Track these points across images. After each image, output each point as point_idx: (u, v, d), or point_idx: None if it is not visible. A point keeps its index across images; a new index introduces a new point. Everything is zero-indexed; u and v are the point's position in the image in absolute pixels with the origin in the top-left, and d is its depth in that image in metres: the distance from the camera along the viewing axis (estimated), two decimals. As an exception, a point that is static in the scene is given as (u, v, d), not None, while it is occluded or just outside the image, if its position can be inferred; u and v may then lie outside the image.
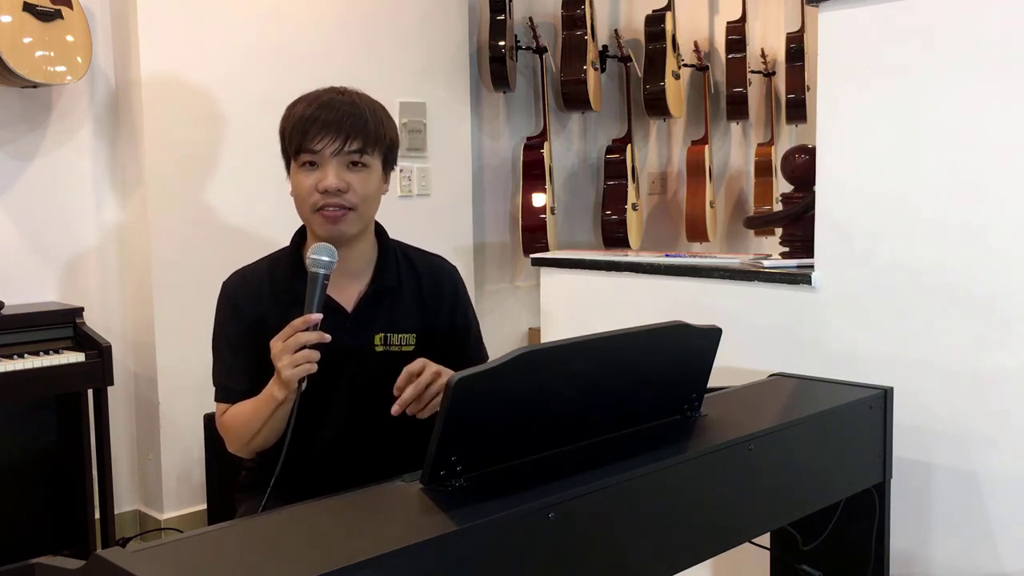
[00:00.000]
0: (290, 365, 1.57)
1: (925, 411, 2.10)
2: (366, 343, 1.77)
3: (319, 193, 1.67)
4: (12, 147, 3.06)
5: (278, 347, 1.59)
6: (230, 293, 1.79)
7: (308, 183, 1.68)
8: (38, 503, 2.98)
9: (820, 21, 2.20)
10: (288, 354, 1.57)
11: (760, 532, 1.67)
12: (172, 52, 3.22)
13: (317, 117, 1.67)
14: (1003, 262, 1.99)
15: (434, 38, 3.95)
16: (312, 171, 1.68)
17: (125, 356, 3.31)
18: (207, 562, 1.08)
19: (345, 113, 1.68)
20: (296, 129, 1.68)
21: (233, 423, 1.75)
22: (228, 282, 1.81)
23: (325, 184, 1.66)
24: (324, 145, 1.66)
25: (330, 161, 1.67)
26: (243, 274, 1.82)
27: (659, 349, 1.56)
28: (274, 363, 1.60)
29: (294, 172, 1.71)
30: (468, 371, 1.23)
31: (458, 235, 4.09)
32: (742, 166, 5.90)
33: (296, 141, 1.68)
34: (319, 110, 1.68)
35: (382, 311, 1.79)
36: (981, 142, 2.00)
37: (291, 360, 1.57)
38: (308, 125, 1.67)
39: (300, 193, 1.70)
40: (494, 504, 1.20)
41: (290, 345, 1.57)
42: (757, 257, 2.56)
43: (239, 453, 1.78)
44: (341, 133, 1.67)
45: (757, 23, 5.89)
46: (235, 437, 1.76)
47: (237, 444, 1.76)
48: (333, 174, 1.66)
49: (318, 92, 1.74)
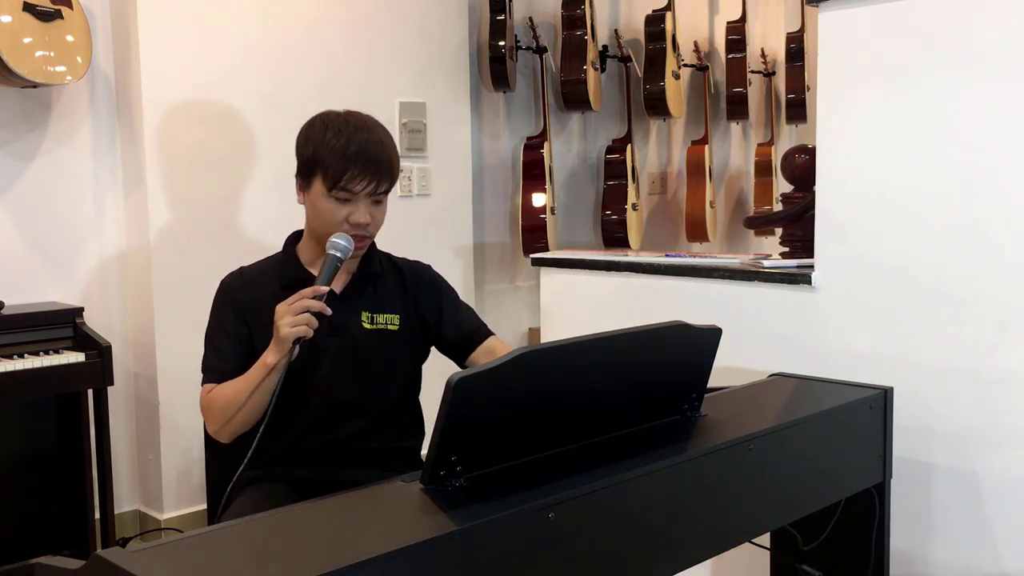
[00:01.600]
0: (290, 324, 1.70)
1: (925, 411, 2.10)
2: (353, 321, 1.91)
3: (349, 224, 1.84)
4: (12, 147, 3.06)
5: (282, 309, 1.72)
6: (228, 288, 1.94)
7: (340, 214, 1.83)
8: (38, 503, 2.98)
9: (820, 21, 2.20)
10: (291, 315, 1.70)
11: (760, 532, 1.67)
12: (172, 52, 3.22)
13: (356, 160, 1.82)
14: (1003, 262, 1.99)
15: (434, 38, 3.95)
16: (343, 204, 1.83)
17: (125, 356, 3.30)
18: (207, 562, 1.08)
19: (380, 155, 1.84)
20: (336, 165, 1.81)
21: (218, 399, 1.83)
22: (227, 279, 1.96)
23: (357, 219, 1.83)
24: (362, 188, 1.83)
25: (363, 200, 1.84)
26: (241, 272, 1.97)
27: (659, 349, 1.56)
28: (275, 322, 1.72)
29: (322, 198, 1.84)
30: (468, 371, 1.24)
31: (458, 235, 4.09)
32: (742, 166, 5.90)
33: (334, 176, 1.82)
34: (359, 152, 1.82)
35: (367, 294, 1.94)
36: (981, 142, 2.00)
37: (292, 320, 1.70)
38: (348, 166, 1.81)
39: (329, 220, 1.84)
40: (494, 504, 1.20)
41: (295, 307, 1.71)
42: (757, 257, 2.56)
43: (219, 434, 1.84)
44: (376, 177, 1.84)
45: (757, 23, 5.89)
46: (218, 414, 1.82)
47: (219, 422, 1.83)
48: (364, 211, 1.84)
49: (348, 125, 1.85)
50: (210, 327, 1.92)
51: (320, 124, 1.87)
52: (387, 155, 1.86)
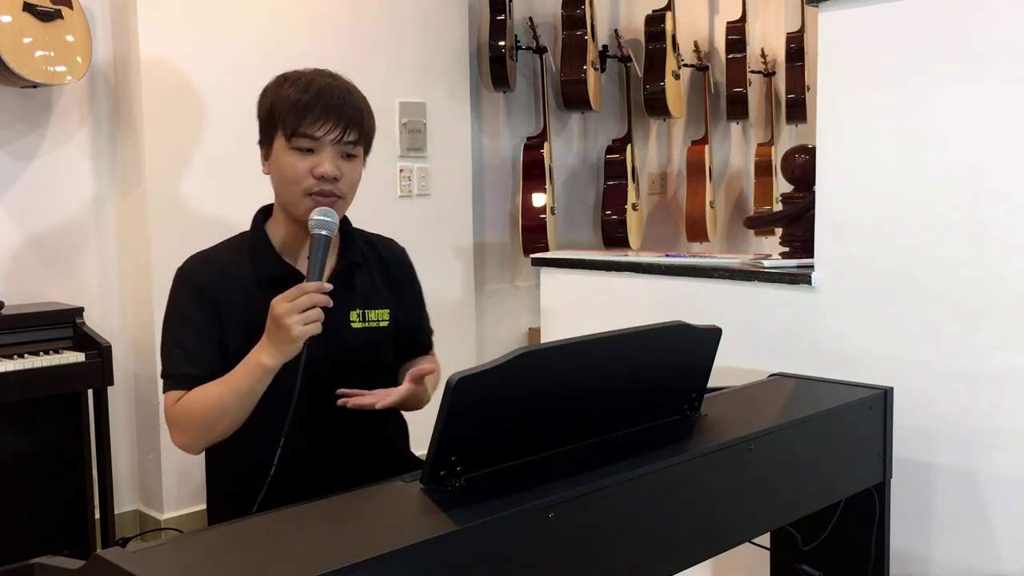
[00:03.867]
0: (301, 322, 1.54)
1: (925, 411, 2.10)
2: (342, 320, 1.73)
3: (313, 178, 1.66)
4: (12, 147, 3.06)
5: (284, 307, 1.54)
6: (192, 277, 1.71)
7: (302, 167, 1.66)
8: (38, 503, 2.98)
9: (820, 21, 2.20)
10: (297, 312, 1.54)
11: (760, 532, 1.67)
12: (172, 52, 3.22)
13: (316, 103, 1.65)
14: (1003, 262, 1.99)
15: (434, 38, 3.95)
16: (306, 156, 1.66)
17: (125, 356, 3.30)
18: (207, 562, 1.08)
19: (343, 102, 1.68)
20: (293, 111, 1.66)
21: (195, 408, 1.63)
22: (188, 266, 1.74)
23: (322, 170, 1.65)
24: (325, 132, 1.66)
25: (327, 148, 1.66)
26: (204, 256, 1.75)
27: (659, 349, 1.56)
28: (278, 322, 1.55)
29: (284, 153, 1.68)
30: (468, 371, 1.23)
31: (458, 235, 4.09)
32: (742, 166, 5.90)
33: (292, 123, 1.65)
34: (317, 96, 1.66)
35: (355, 288, 1.77)
36: (981, 142, 2.00)
37: (303, 317, 1.54)
38: (307, 110, 1.65)
39: (291, 175, 1.67)
40: (494, 504, 1.20)
41: (300, 304, 1.55)
42: (757, 257, 2.56)
43: (191, 447, 1.67)
44: (341, 122, 1.66)
45: (757, 23, 5.88)
46: (196, 424, 1.63)
47: (195, 433, 1.64)
48: (329, 161, 1.66)
49: (308, 74, 1.72)
50: (171, 322, 1.69)
51: (278, 80, 1.73)
52: (354, 102, 1.69)
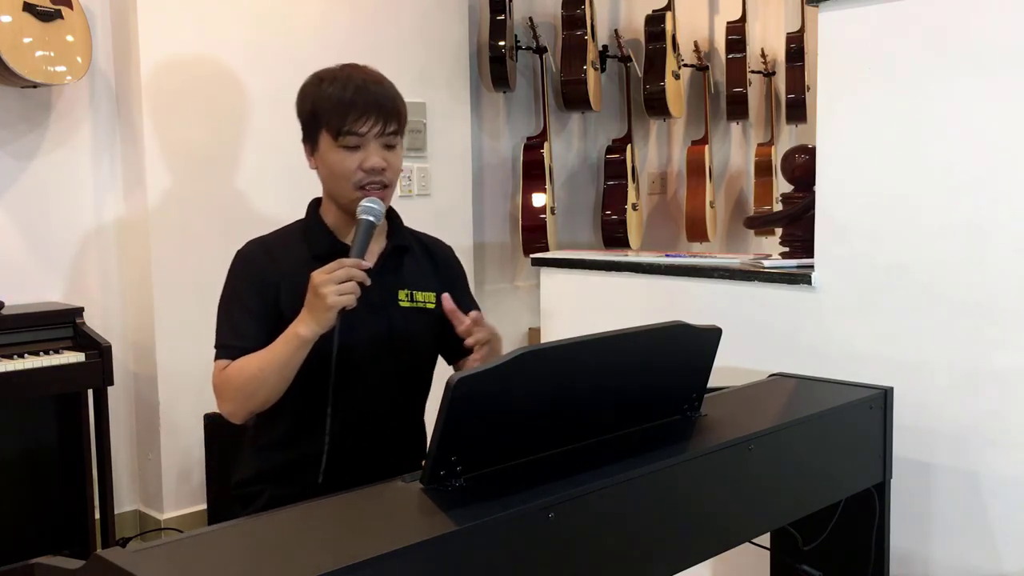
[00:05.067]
0: (336, 292, 1.61)
1: (925, 411, 2.10)
2: (391, 298, 1.83)
3: (363, 172, 1.76)
4: (12, 147, 3.06)
5: (321, 277, 1.62)
6: (248, 258, 1.83)
7: (351, 163, 1.76)
8: (38, 503, 2.98)
9: (820, 21, 2.20)
10: (334, 283, 1.62)
11: (760, 532, 1.67)
12: (172, 52, 3.22)
13: (357, 101, 1.75)
14: (1003, 262, 1.99)
15: (434, 38, 3.95)
16: (353, 152, 1.76)
17: (125, 356, 3.30)
18: (207, 562, 1.08)
19: (382, 96, 1.78)
20: (336, 111, 1.75)
21: (237, 376, 1.71)
22: (246, 249, 1.85)
23: (371, 164, 1.75)
24: (368, 127, 1.75)
25: (372, 142, 1.76)
26: (261, 241, 1.87)
27: (659, 349, 1.56)
28: (315, 291, 1.62)
29: (331, 151, 1.77)
30: (468, 371, 1.24)
31: (458, 235, 4.09)
32: (742, 166, 5.90)
33: (336, 123, 1.75)
34: (357, 94, 1.76)
35: (402, 269, 1.86)
36: (981, 142, 2.00)
37: (338, 288, 1.62)
38: (349, 108, 1.75)
39: (341, 171, 1.77)
40: (494, 504, 1.20)
41: (338, 275, 1.62)
42: (757, 257, 2.56)
43: (235, 414, 1.74)
44: (382, 116, 1.76)
45: (757, 23, 5.88)
46: (236, 391, 1.71)
47: (238, 400, 1.72)
48: (376, 154, 1.76)
49: (343, 71, 1.81)
50: (225, 300, 1.81)
51: (314, 80, 1.82)
52: (390, 94, 1.80)
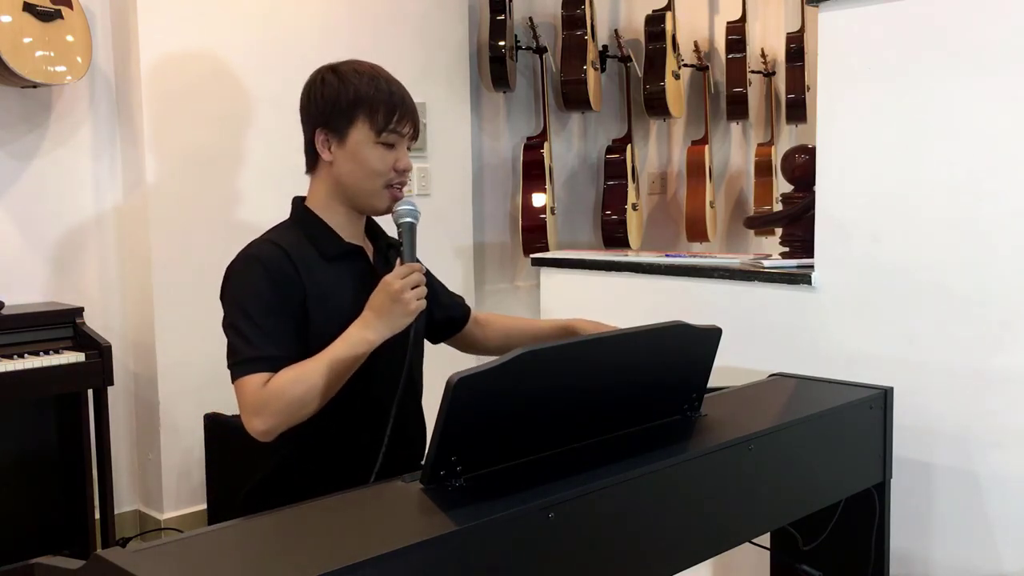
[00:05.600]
0: (416, 296, 1.67)
1: (925, 411, 2.10)
2: None
3: (395, 172, 1.79)
4: (12, 147, 3.06)
5: (400, 283, 1.66)
6: (270, 261, 1.72)
7: (387, 161, 1.78)
8: (38, 503, 2.98)
9: (820, 21, 2.20)
10: (411, 288, 1.67)
11: (760, 532, 1.67)
12: (172, 52, 3.22)
13: (400, 102, 1.79)
14: (1003, 262, 1.99)
15: (434, 38, 3.95)
16: (390, 150, 1.78)
17: (125, 356, 3.30)
18: (207, 562, 1.08)
19: (412, 102, 1.83)
20: (386, 108, 1.77)
21: (288, 388, 1.61)
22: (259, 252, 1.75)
23: (404, 165, 1.80)
24: (408, 129, 1.81)
25: (405, 143, 1.81)
26: (268, 241, 1.78)
27: (659, 349, 1.56)
28: (395, 297, 1.65)
29: (368, 146, 1.77)
30: (468, 371, 1.24)
31: (458, 235, 4.09)
32: (742, 166, 5.90)
33: (384, 120, 1.77)
34: (399, 96, 1.80)
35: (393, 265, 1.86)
36: (981, 142, 2.00)
37: (416, 293, 1.67)
38: (396, 108, 1.78)
39: (377, 168, 1.77)
40: (494, 504, 1.20)
41: (413, 280, 1.67)
42: (757, 257, 2.56)
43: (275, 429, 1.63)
44: (415, 121, 1.82)
45: (757, 23, 5.88)
46: (287, 405, 1.61)
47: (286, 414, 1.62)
48: (407, 156, 1.82)
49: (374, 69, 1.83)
50: (245, 305, 1.69)
51: (348, 70, 1.81)
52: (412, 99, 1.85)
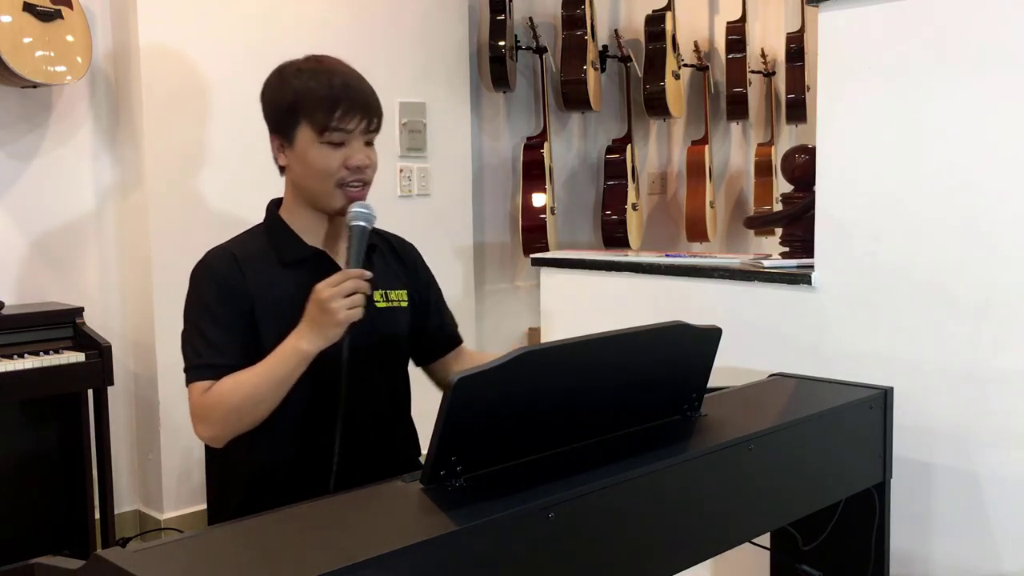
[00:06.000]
0: (347, 306, 1.59)
1: (925, 411, 2.10)
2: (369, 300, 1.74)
3: (347, 170, 1.71)
4: (12, 147, 3.06)
5: (329, 291, 1.59)
6: (215, 270, 1.74)
7: (335, 160, 1.71)
8: (38, 503, 2.98)
9: (820, 21, 2.20)
10: (342, 296, 1.59)
11: (760, 532, 1.67)
12: (172, 52, 3.22)
13: (343, 97, 1.71)
14: (1002, 262, 1.99)
15: (434, 38, 3.95)
16: (337, 149, 1.71)
17: (125, 356, 3.30)
18: (207, 562, 1.08)
19: (365, 90, 1.75)
20: (322, 106, 1.70)
21: (226, 398, 1.63)
22: (210, 259, 1.76)
23: (356, 162, 1.71)
24: (355, 125, 1.71)
25: (356, 139, 1.72)
26: (225, 249, 1.78)
27: (659, 349, 1.56)
28: (322, 306, 1.59)
29: (313, 147, 1.71)
30: (468, 371, 1.23)
31: (458, 235, 4.09)
32: (742, 166, 5.90)
33: (323, 119, 1.70)
34: (344, 90, 1.72)
35: (375, 270, 1.78)
36: (981, 142, 2.00)
37: (348, 302, 1.59)
38: (336, 104, 1.70)
39: (324, 169, 1.71)
40: (494, 504, 1.20)
41: (345, 288, 1.60)
42: (757, 257, 2.56)
43: (218, 439, 1.66)
44: (367, 114, 1.73)
45: (757, 23, 5.88)
46: (226, 414, 1.63)
47: (227, 423, 1.64)
48: (361, 152, 1.73)
49: (320, 64, 1.76)
50: (195, 315, 1.71)
51: (291, 70, 1.75)
52: (370, 89, 1.76)
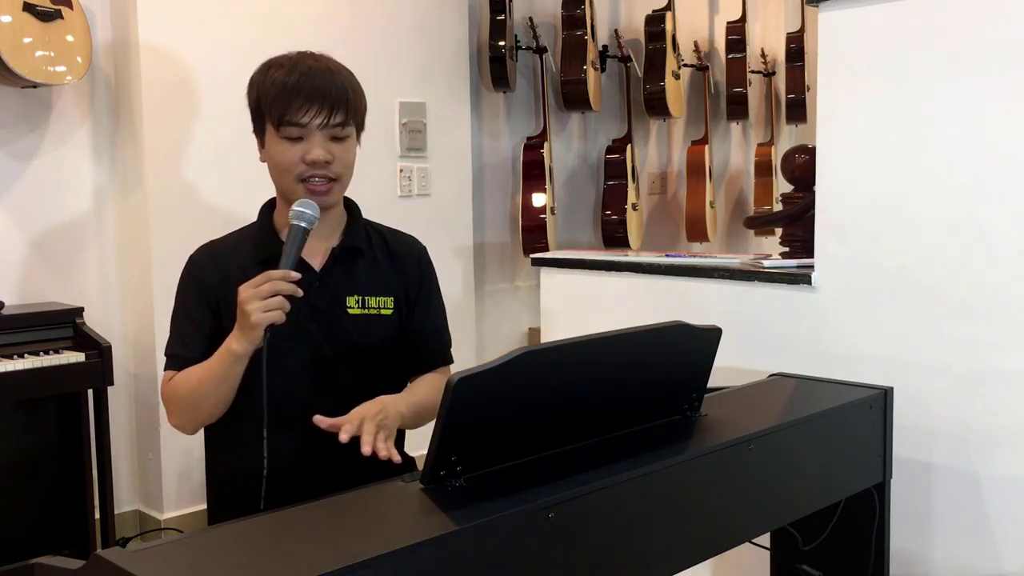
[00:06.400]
0: (261, 309, 1.52)
1: (925, 411, 2.10)
2: (335, 303, 1.72)
3: (305, 164, 1.66)
4: (12, 147, 3.06)
5: (248, 292, 1.53)
6: (194, 265, 1.76)
7: (293, 155, 1.66)
8: (38, 503, 2.98)
9: (820, 21, 2.20)
10: (259, 299, 1.52)
11: (760, 532, 1.67)
12: (172, 52, 3.22)
13: (301, 87, 1.64)
14: (1003, 262, 1.99)
15: (434, 38, 3.95)
16: (296, 143, 1.66)
17: (125, 356, 3.30)
18: (207, 562, 1.08)
19: (327, 83, 1.66)
20: (278, 99, 1.65)
21: (180, 388, 1.67)
22: (195, 255, 1.78)
23: (312, 157, 1.65)
24: (311, 117, 1.64)
25: (316, 133, 1.65)
26: (211, 246, 1.79)
27: (659, 349, 1.56)
28: (241, 308, 1.54)
29: (274, 142, 1.68)
30: (468, 371, 1.23)
31: (458, 235, 4.09)
32: (742, 166, 5.90)
33: (278, 112, 1.65)
34: (301, 79, 1.65)
35: (355, 273, 1.75)
36: (981, 142, 2.00)
37: (264, 304, 1.52)
38: (291, 97, 1.64)
39: (283, 163, 1.67)
40: (494, 504, 1.20)
41: (264, 291, 1.53)
42: (757, 257, 2.56)
43: (183, 426, 1.70)
44: (326, 105, 1.65)
45: (757, 23, 5.88)
46: (181, 405, 1.67)
47: (183, 413, 1.68)
48: (320, 147, 1.65)
49: (291, 58, 1.71)
50: (174, 306, 1.75)
51: (262, 67, 1.72)
52: (338, 82, 1.67)
